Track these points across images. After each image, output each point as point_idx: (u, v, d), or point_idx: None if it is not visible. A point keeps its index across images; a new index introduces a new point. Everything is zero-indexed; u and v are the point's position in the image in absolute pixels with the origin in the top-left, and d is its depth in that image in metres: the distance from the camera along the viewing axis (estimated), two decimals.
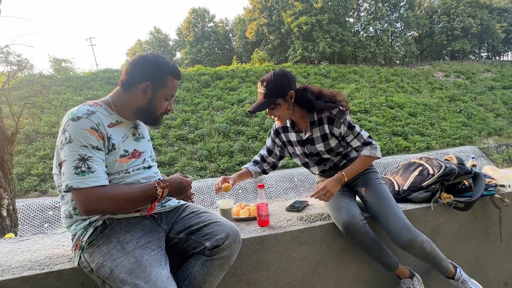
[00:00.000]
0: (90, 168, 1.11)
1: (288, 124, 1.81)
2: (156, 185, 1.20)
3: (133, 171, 1.27)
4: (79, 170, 1.10)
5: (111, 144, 1.20)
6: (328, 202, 1.74)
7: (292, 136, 1.81)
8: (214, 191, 1.73)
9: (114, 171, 1.22)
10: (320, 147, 1.75)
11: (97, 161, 1.14)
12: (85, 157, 1.11)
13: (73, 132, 1.11)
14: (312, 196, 1.64)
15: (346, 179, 1.65)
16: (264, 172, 1.98)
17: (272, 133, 1.90)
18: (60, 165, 1.15)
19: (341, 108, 1.67)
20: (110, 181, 1.20)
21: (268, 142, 1.94)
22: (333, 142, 1.73)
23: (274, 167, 1.99)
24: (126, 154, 1.25)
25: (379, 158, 1.71)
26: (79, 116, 1.14)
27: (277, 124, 1.85)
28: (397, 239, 1.57)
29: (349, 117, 1.68)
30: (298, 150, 1.83)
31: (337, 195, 1.74)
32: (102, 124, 1.18)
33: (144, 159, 1.33)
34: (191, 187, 1.31)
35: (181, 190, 1.27)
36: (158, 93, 1.27)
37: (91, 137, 1.13)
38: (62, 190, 1.14)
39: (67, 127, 1.13)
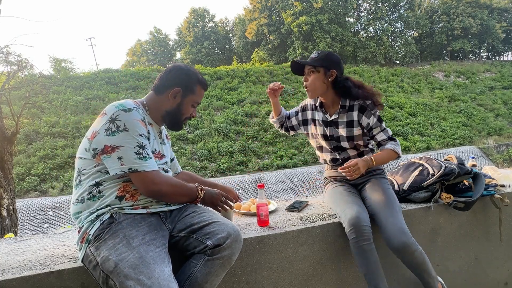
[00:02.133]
0: (148, 155, 1.24)
1: (317, 103, 1.87)
2: (198, 190, 1.36)
3: None
4: (141, 155, 1.21)
5: (148, 138, 1.29)
6: (336, 198, 1.75)
7: (319, 115, 1.86)
8: (271, 90, 1.87)
9: None
10: (342, 131, 1.79)
11: (150, 149, 1.26)
12: (143, 144, 1.22)
13: (127, 122, 1.21)
14: (341, 169, 1.63)
15: (374, 163, 1.70)
16: (283, 120, 2.04)
17: (299, 106, 1.98)
18: (104, 150, 1.20)
19: (375, 101, 1.75)
20: None
21: (293, 110, 2.02)
22: (356, 131, 1.77)
23: (286, 128, 2.04)
24: (154, 152, 1.34)
25: (400, 157, 1.77)
26: (130, 108, 1.24)
27: (308, 100, 1.93)
28: (391, 241, 1.54)
29: (378, 112, 1.76)
30: (320, 130, 1.86)
31: (347, 193, 1.76)
32: (145, 119, 1.30)
33: (165, 162, 1.42)
34: (222, 200, 1.44)
35: (213, 202, 1.42)
36: (187, 99, 1.39)
37: (143, 128, 1.25)
38: (118, 172, 1.19)
39: (117, 116, 1.20)
